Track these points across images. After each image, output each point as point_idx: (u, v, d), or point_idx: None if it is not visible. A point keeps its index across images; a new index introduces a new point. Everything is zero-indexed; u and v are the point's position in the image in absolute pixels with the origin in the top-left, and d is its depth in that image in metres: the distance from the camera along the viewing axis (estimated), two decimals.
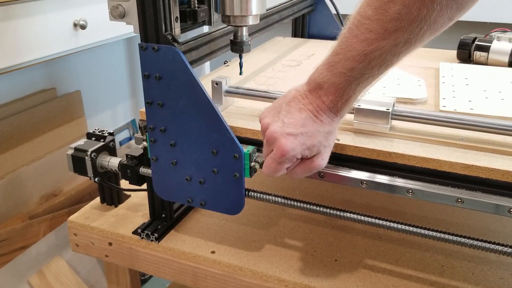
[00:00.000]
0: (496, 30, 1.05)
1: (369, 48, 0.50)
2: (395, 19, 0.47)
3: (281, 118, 0.57)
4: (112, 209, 0.92)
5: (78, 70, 1.64)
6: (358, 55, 0.51)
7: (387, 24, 0.48)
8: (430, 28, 0.49)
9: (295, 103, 0.56)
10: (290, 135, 0.55)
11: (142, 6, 0.67)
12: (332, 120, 0.57)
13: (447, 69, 0.97)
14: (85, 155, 0.81)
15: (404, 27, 0.47)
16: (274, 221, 0.88)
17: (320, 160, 0.59)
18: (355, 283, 0.72)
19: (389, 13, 0.47)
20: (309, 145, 0.56)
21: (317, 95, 0.55)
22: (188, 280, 0.81)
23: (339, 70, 0.52)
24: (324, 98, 0.55)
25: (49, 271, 1.36)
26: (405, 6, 0.46)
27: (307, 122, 0.56)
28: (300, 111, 0.56)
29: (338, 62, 0.52)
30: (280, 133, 0.56)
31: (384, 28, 0.48)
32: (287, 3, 1.11)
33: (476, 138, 0.67)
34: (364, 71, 0.52)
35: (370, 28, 0.49)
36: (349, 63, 0.51)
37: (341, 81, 0.53)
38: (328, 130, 0.57)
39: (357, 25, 0.50)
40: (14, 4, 1.08)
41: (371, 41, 0.49)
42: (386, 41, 0.49)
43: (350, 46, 0.51)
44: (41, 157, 1.44)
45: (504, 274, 0.74)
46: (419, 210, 0.92)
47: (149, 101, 0.71)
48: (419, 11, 0.46)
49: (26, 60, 1.14)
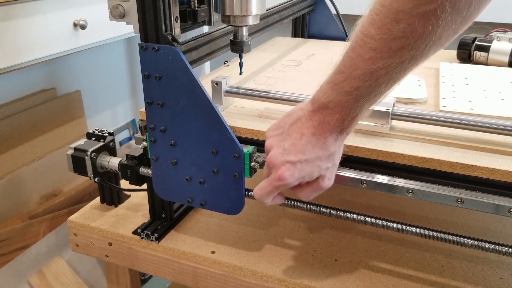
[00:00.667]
0: (496, 30, 1.05)
1: (375, 67, 0.49)
2: (399, 37, 0.47)
3: (283, 144, 0.57)
4: (112, 209, 0.92)
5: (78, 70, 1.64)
6: (364, 74, 0.50)
7: (392, 43, 0.47)
8: (435, 44, 0.48)
9: (298, 126, 0.56)
10: (289, 163, 0.56)
11: (142, 6, 0.67)
12: (336, 140, 0.56)
13: (447, 69, 0.97)
14: (85, 155, 0.81)
15: (410, 44, 0.47)
16: (274, 221, 0.88)
17: (325, 181, 0.59)
18: (355, 283, 0.72)
19: (393, 32, 0.46)
20: (308, 171, 0.57)
21: (322, 115, 0.55)
22: (188, 280, 0.81)
23: (345, 89, 0.52)
24: (329, 118, 0.54)
25: (49, 271, 1.36)
26: (409, 24, 0.45)
27: (307, 149, 0.56)
28: (301, 137, 0.56)
29: (343, 81, 0.52)
30: (280, 161, 0.57)
31: (388, 47, 0.48)
32: (287, 3, 1.11)
33: (476, 138, 0.67)
34: (370, 89, 0.51)
35: (374, 47, 0.48)
36: (355, 82, 0.51)
37: (347, 100, 0.53)
38: (331, 152, 0.57)
39: (361, 44, 0.49)
40: (14, 4, 1.08)
41: (376, 59, 0.49)
42: (392, 59, 0.49)
43: (355, 65, 0.51)
44: (41, 157, 1.44)
45: (504, 274, 0.74)
46: (419, 210, 0.92)
47: (149, 101, 0.71)
48: (424, 29, 0.46)
49: (26, 60, 1.14)
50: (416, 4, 0.44)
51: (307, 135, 0.56)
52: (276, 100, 0.76)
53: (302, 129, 0.56)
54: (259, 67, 1.01)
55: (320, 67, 1.01)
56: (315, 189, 0.60)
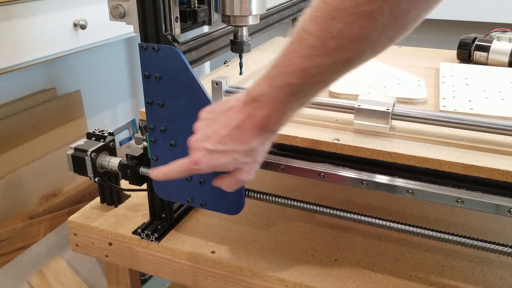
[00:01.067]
0: (496, 30, 1.05)
1: (309, 64, 0.49)
2: (336, 36, 0.46)
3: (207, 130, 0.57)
4: (112, 209, 0.92)
5: (78, 70, 1.64)
6: (298, 71, 0.50)
7: (328, 41, 0.47)
8: (370, 49, 0.48)
9: (227, 115, 0.56)
10: (205, 150, 0.57)
11: (142, 6, 0.67)
12: (259, 136, 0.56)
13: (447, 69, 0.97)
14: (85, 155, 0.80)
15: (345, 45, 0.47)
16: (274, 221, 0.88)
17: (242, 175, 0.59)
18: (355, 283, 0.72)
19: (331, 30, 0.46)
20: (223, 162, 0.57)
21: (251, 108, 0.54)
22: (188, 280, 0.81)
23: (277, 84, 0.51)
24: (257, 111, 0.54)
25: (49, 271, 1.36)
26: (347, 24, 0.45)
27: (226, 140, 0.56)
28: (225, 127, 0.56)
29: (277, 75, 0.51)
30: (198, 146, 0.58)
31: (325, 45, 0.47)
32: (287, 3, 1.11)
33: (476, 138, 0.67)
34: (302, 87, 0.51)
35: (311, 44, 0.48)
36: (287, 77, 0.50)
37: (278, 95, 0.52)
38: (251, 147, 0.56)
39: (299, 40, 0.49)
40: (14, 4, 1.08)
41: (312, 57, 0.48)
42: (326, 58, 0.48)
43: (290, 60, 0.50)
44: (41, 157, 1.44)
45: (504, 274, 0.74)
46: (419, 210, 0.92)
47: (149, 101, 0.71)
48: (361, 30, 0.45)
49: (26, 60, 1.14)
50: (356, 3, 0.44)
51: (231, 127, 0.55)
52: None
53: (229, 119, 0.56)
54: (259, 67, 1.01)
55: None
56: (234, 181, 0.60)
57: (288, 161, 0.71)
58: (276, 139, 0.70)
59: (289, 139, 0.70)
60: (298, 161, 0.70)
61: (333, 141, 0.67)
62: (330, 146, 0.68)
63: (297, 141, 0.69)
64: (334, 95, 0.84)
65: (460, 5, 1.63)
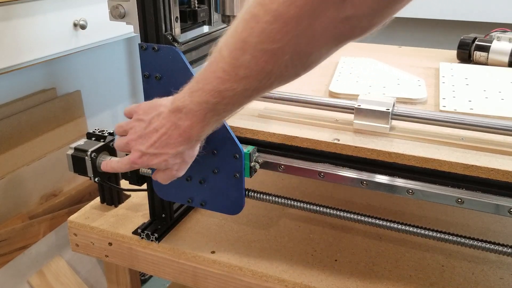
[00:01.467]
0: (496, 30, 1.05)
1: (223, 87, 0.52)
2: (244, 67, 0.49)
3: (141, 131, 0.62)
4: (112, 209, 0.92)
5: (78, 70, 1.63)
6: (213, 91, 0.53)
7: (238, 69, 0.50)
8: (277, 80, 0.51)
9: (157, 121, 0.60)
10: (139, 152, 0.62)
11: (142, 6, 0.67)
12: (185, 143, 0.60)
13: (447, 69, 0.97)
14: (85, 155, 0.80)
15: (253, 75, 0.50)
16: (274, 221, 0.88)
17: (173, 172, 0.64)
18: (355, 283, 0.72)
19: (240, 60, 0.49)
20: (155, 163, 0.62)
21: (175, 118, 0.58)
22: (188, 280, 0.81)
23: (196, 99, 0.55)
24: (181, 122, 0.58)
25: (49, 271, 1.35)
26: (253, 57, 0.48)
27: (156, 145, 0.61)
28: (155, 132, 0.60)
29: (197, 91, 0.55)
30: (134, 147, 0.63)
31: (235, 72, 0.50)
32: None
33: (476, 138, 0.67)
34: (217, 106, 0.54)
35: (224, 68, 0.51)
36: (205, 95, 0.54)
37: (198, 110, 0.56)
38: (177, 152, 0.61)
39: (216, 61, 0.52)
40: (14, 4, 1.08)
41: (225, 80, 0.51)
42: (237, 84, 0.51)
43: (208, 79, 0.54)
44: (41, 157, 1.44)
45: (504, 274, 0.74)
46: (419, 210, 0.92)
47: None
48: (266, 65, 0.48)
49: (26, 60, 1.14)
50: (260, 40, 0.46)
51: (159, 133, 0.60)
52: (276, 100, 0.76)
53: (158, 125, 0.60)
54: None
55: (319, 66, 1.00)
56: (167, 176, 0.65)
57: (288, 161, 0.71)
58: (276, 139, 0.70)
59: (289, 139, 0.70)
60: (298, 161, 0.70)
61: (333, 141, 0.67)
62: (330, 146, 0.68)
63: (297, 141, 0.69)
64: (334, 95, 0.84)
65: (460, 5, 1.63)
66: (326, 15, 0.44)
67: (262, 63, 0.48)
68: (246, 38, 0.48)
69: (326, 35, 0.46)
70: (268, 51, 0.47)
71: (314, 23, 0.44)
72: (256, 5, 0.46)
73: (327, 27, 0.45)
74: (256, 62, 0.48)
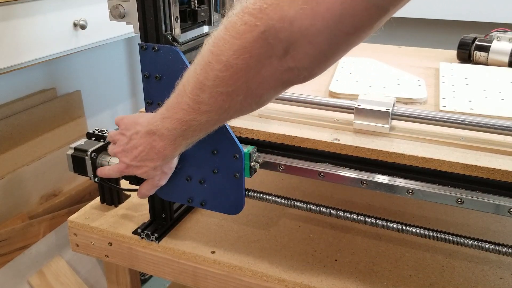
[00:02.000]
0: (496, 30, 1.05)
1: (188, 117, 0.57)
2: (204, 103, 0.54)
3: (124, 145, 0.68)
4: (112, 209, 0.92)
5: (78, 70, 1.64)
6: (180, 120, 0.58)
7: (199, 105, 0.55)
8: (236, 113, 0.57)
9: (135, 139, 0.66)
10: (124, 163, 0.69)
11: (142, 6, 0.67)
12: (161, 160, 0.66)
13: (447, 69, 0.97)
14: (85, 155, 0.80)
15: (213, 111, 0.55)
16: (274, 221, 0.88)
17: (155, 182, 0.72)
18: (355, 283, 0.72)
19: (200, 98, 0.54)
20: (139, 173, 0.69)
21: (150, 139, 0.64)
22: (188, 280, 0.81)
23: (166, 126, 0.60)
24: (155, 143, 0.64)
25: (49, 271, 1.35)
26: (211, 96, 0.53)
27: (138, 159, 0.67)
28: (135, 148, 0.66)
29: (167, 118, 0.60)
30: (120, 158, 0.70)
31: (197, 107, 0.55)
32: None
33: (476, 138, 0.67)
34: (185, 132, 0.60)
35: (188, 103, 0.56)
36: (174, 123, 0.59)
37: (168, 134, 0.61)
38: (156, 165, 0.67)
39: (181, 94, 0.57)
40: (14, 4, 1.08)
41: (189, 112, 0.56)
42: (200, 116, 0.56)
43: (175, 109, 0.58)
44: (41, 157, 1.44)
45: (504, 274, 0.74)
46: (419, 210, 0.92)
47: (149, 101, 0.71)
48: (223, 103, 0.53)
49: (26, 60, 1.14)
50: (215, 84, 0.52)
51: (139, 150, 0.66)
52: (276, 100, 0.76)
53: (138, 143, 0.66)
54: None
55: None
56: (150, 186, 0.72)
57: (288, 161, 0.71)
58: (276, 139, 0.71)
59: (289, 139, 0.70)
60: (298, 161, 0.70)
61: (333, 141, 0.67)
62: (330, 146, 0.68)
63: (297, 141, 0.69)
64: (334, 95, 0.84)
65: (460, 5, 1.63)
66: (271, 65, 0.48)
67: (220, 101, 0.53)
68: (203, 81, 0.53)
69: (273, 80, 0.50)
70: (223, 93, 0.52)
71: (261, 71, 0.49)
72: (209, 53, 0.51)
73: (273, 74, 0.49)
74: (214, 100, 0.53)
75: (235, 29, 0.48)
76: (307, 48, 0.45)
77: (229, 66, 0.50)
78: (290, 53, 0.46)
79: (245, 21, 0.47)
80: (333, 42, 0.45)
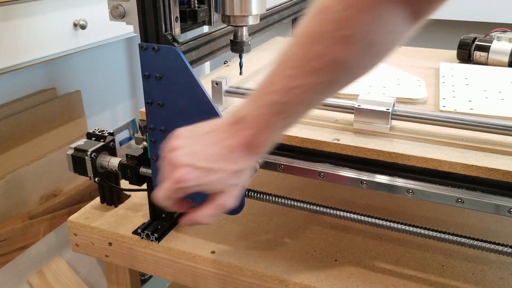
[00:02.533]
0: (496, 30, 1.05)
1: (293, 84, 0.50)
2: (316, 58, 0.48)
3: (191, 147, 0.54)
4: (112, 209, 0.92)
5: (78, 70, 1.64)
6: (281, 90, 0.50)
7: (309, 63, 0.49)
8: (351, 72, 0.51)
9: (211, 135, 0.54)
10: (191, 167, 0.53)
11: (142, 6, 0.67)
12: (246, 158, 0.54)
13: (447, 69, 0.97)
14: (85, 155, 0.80)
15: (325, 67, 0.49)
16: (274, 221, 0.88)
17: (225, 198, 0.55)
18: (355, 283, 0.72)
19: (310, 52, 0.48)
20: (210, 181, 0.53)
21: (237, 128, 0.53)
22: (188, 280, 0.81)
23: (262, 103, 0.51)
24: (244, 132, 0.52)
25: (49, 271, 1.36)
26: (327, 47, 0.47)
27: (214, 159, 0.53)
28: (211, 146, 0.53)
29: (263, 95, 0.52)
30: (183, 162, 0.53)
31: (306, 66, 0.49)
32: (287, 3, 1.11)
33: (476, 138, 0.67)
34: (286, 106, 0.51)
35: (293, 65, 0.49)
36: (272, 96, 0.51)
37: (263, 114, 0.51)
38: (239, 168, 0.54)
39: (283, 61, 0.51)
40: (14, 4, 1.08)
41: (294, 77, 0.49)
42: (308, 79, 0.49)
43: (274, 81, 0.51)
44: (41, 157, 1.44)
45: (504, 274, 0.74)
46: (419, 210, 0.92)
47: (149, 101, 0.71)
48: (341, 53, 0.48)
49: (26, 60, 1.14)
50: (334, 27, 0.47)
51: (218, 146, 0.53)
52: None
53: (216, 138, 0.54)
54: (259, 67, 1.01)
55: None
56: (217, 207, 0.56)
57: (288, 161, 0.71)
58: None
59: (289, 139, 0.70)
60: (298, 161, 0.70)
61: (333, 141, 0.67)
62: (330, 146, 0.68)
63: (297, 141, 0.69)
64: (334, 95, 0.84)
65: (460, 5, 1.63)
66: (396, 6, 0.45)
67: (337, 52, 0.47)
68: (319, 30, 0.47)
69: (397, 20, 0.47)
70: (343, 38, 0.47)
71: (383, 12, 0.46)
72: (323, 1, 0.47)
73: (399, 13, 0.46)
74: (328, 51, 0.48)
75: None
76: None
77: (352, 4, 0.45)
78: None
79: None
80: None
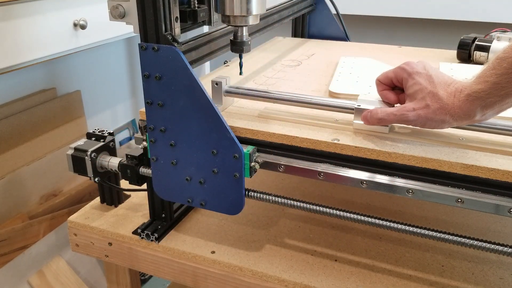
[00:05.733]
0: (496, 30, 1.05)
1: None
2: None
3: (429, 86, 0.63)
4: (112, 209, 0.93)
5: (78, 70, 1.64)
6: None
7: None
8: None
9: (443, 77, 0.63)
10: (426, 108, 0.62)
11: (142, 6, 0.67)
12: (455, 115, 0.61)
13: (447, 69, 0.97)
14: (85, 155, 0.81)
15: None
16: (274, 221, 0.88)
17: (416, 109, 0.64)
18: (355, 283, 0.72)
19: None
20: (425, 120, 0.63)
21: (468, 83, 0.59)
22: (188, 280, 0.81)
23: (501, 71, 0.56)
24: (474, 86, 0.58)
25: (49, 271, 1.36)
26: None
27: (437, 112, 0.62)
28: (445, 88, 0.61)
29: (504, 60, 0.56)
30: (423, 101, 0.63)
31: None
32: (287, 3, 1.11)
33: (476, 138, 0.67)
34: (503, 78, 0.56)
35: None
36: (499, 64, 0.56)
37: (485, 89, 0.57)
38: (442, 119, 0.62)
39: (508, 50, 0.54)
40: (14, 4, 1.08)
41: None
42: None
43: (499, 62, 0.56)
44: (41, 157, 1.44)
45: (504, 274, 0.74)
46: (419, 210, 0.92)
47: (149, 101, 0.71)
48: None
49: (26, 60, 1.14)
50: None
51: (448, 92, 0.61)
52: (276, 100, 0.76)
53: (449, 80, 0.62)
54: (259, 67, 1.01)
55: (320, 67, 1.01)
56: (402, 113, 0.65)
57: (288, 161, 0.71)
58: (276, 139, 0.70)
59: (289, 139, 0.70)
60: (298, 161, 0.70)
61: (333, 141, 0.67)
62: (330, 146, 0.68)
63: (297, 141, 0.69)
64: (334, 95, 0.84)
65: (460, 5, 1.63)
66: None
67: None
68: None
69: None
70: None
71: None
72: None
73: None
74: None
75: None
76: None
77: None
78: None
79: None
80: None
